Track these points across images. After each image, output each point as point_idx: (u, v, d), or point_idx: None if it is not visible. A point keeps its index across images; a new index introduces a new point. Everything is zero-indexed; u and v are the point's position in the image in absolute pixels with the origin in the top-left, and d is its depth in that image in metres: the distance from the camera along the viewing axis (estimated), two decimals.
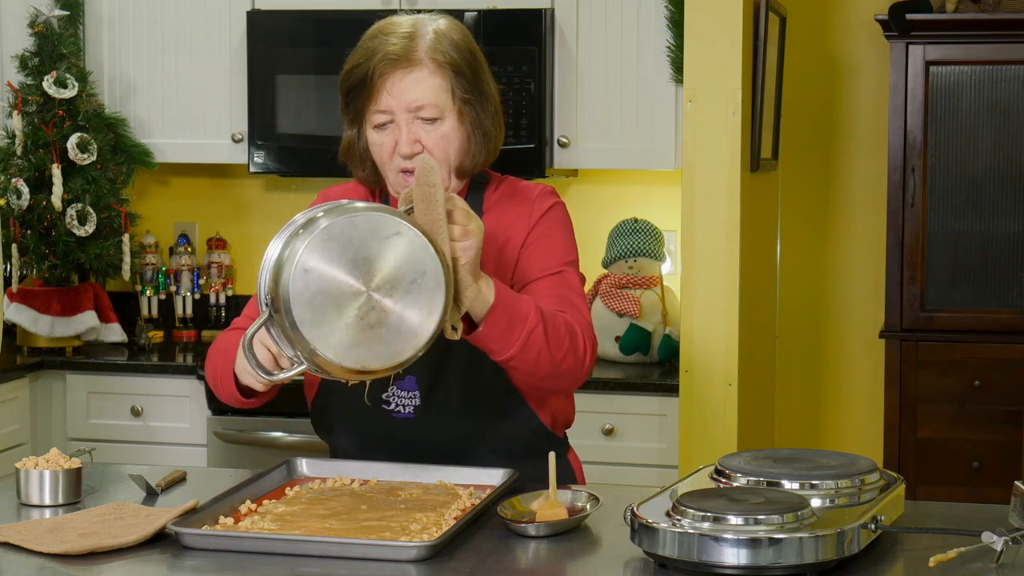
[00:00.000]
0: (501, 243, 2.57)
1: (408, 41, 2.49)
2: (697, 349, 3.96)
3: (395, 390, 2.55)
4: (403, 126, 2.49)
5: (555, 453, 2.34)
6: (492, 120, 2.56)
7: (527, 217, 2.58)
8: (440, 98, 2.49)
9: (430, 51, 2.49)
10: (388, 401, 2.56)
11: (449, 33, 2.52)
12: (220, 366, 2.51)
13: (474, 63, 2.54)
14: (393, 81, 2.48)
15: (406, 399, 2.55)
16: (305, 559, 2.10)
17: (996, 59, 4.49)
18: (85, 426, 4.51)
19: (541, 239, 2.57)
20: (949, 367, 4.55)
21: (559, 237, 2.59)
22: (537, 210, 2.59)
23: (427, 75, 2.48)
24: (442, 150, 2.50)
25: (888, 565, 2.08)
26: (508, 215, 2.59)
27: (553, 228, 2.59)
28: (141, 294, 4.95)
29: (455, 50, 2.51)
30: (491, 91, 2.57)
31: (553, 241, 2.58)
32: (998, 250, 4.52)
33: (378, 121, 2.51)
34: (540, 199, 2.61)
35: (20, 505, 2.41)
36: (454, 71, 2.50)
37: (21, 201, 4.49)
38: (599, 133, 4.44)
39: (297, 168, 4.66)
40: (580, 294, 2.55)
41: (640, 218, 4.57)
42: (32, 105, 4.59)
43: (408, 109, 2.48)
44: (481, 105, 2.54)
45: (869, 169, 4.88)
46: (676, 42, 4.28)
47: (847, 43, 4.90)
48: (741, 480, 2.20)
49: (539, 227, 2.58)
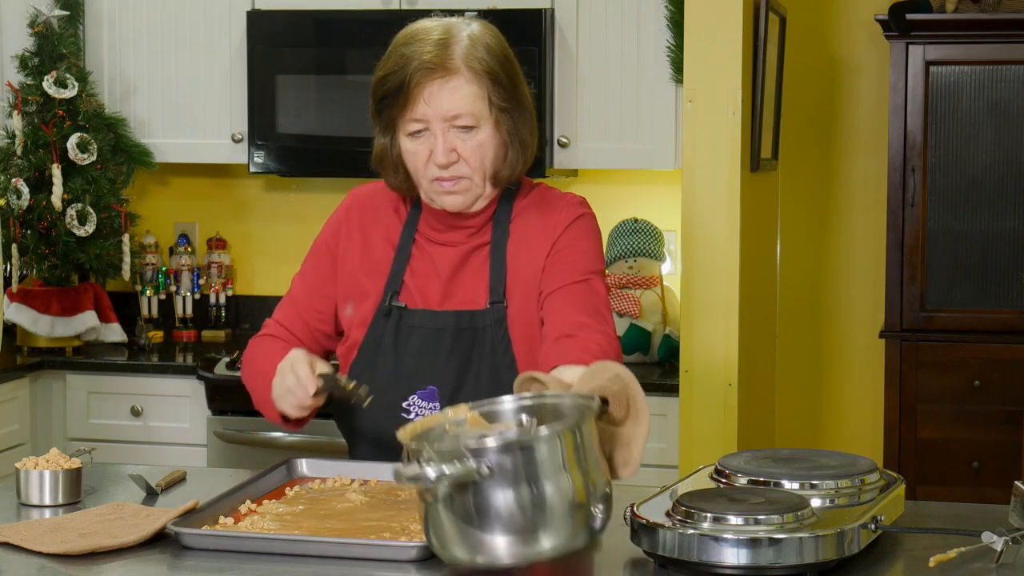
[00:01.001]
0: (528, 251, 2.55)
1: (443, 48, 2.44)
2: (697, 349, 3.96)
3: (415, 399, 2.54)
4: (439, 135, 2.45)
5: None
6: (528, 128, 2.53)
7: (554, 226, 2.56)
8: (477, 106, 2.45)
9: (466, 58, 2.44)
10: (408, 410, 2.54)
11: (484, 38, 2.48)
12: (258, 387, 2.56)
13: (510, 69, 2.50)
14: (430, 90, 2.44)
15: (426, 409, 2.53)
16: (305, 559, 2.10)
17: (996, 59, 4.49)
18: (85, 426, 4.51)
19: (568, 247, 2.55)
20: (949, 367, 4.54)
21: (586, 246, 2.57)
22: (564, 219, 2.57)
23: (463, 83, 2.44)
24: (478, 158, 2.47)
25: (888, 565, 2.08)
26: (535, 223, 2.57)
27: (581, 237, 2.57)
28: (141, 294, 4.95)
29: (491, 57, 2.47)
30: (527, 97, 2.54)
31: (580, 250, 2.56)
32: (998, 250, 4.52)
33: (413, 129, 2.47)
34: (568, 209, 2.58)
35: (20, 505, 2.41)
36: (491, 79, 2.46)
37: (21, 201, 4.49)
38: (599, 133, 4.44)
39: (297, 168, 4.66)
40: (606, 303, 2.54)
41: (640, 218, 4.57)
42: (32, 105, 4.59)
43: (444, 118, 2.44)
44: (519, 113, 2.50)
45: (869, 169, 4.88)
46: (676, 42, 4.28)
47: (847, 43, 4.90)
48: (741, 480, 2.20)
49: (566, 235, 2.56)
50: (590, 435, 1.99)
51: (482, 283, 2.55)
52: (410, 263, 2.57)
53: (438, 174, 2.47)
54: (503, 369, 2.51)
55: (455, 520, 1.92)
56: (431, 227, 2.57)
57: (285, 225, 4.96)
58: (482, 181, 2.49)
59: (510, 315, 2.53)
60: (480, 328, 2.53)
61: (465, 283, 2.56)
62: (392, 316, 2.55)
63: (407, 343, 2.54)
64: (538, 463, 1.91)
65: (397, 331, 2.55)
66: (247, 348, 2.70)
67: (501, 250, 2.55)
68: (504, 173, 2.52)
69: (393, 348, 2.54)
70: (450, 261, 2.56)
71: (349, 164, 4.52)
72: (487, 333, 2.53)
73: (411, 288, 2.56)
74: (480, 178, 2.48)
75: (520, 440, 1.92)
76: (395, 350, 2.54)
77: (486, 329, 2.53)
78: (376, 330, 2.56)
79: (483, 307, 2.53)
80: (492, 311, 2.53)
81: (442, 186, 2.48)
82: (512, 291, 2.54)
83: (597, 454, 2.00)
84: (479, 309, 2.53)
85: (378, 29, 4.52)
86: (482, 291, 2.54)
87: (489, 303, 2.53)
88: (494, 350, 2.52)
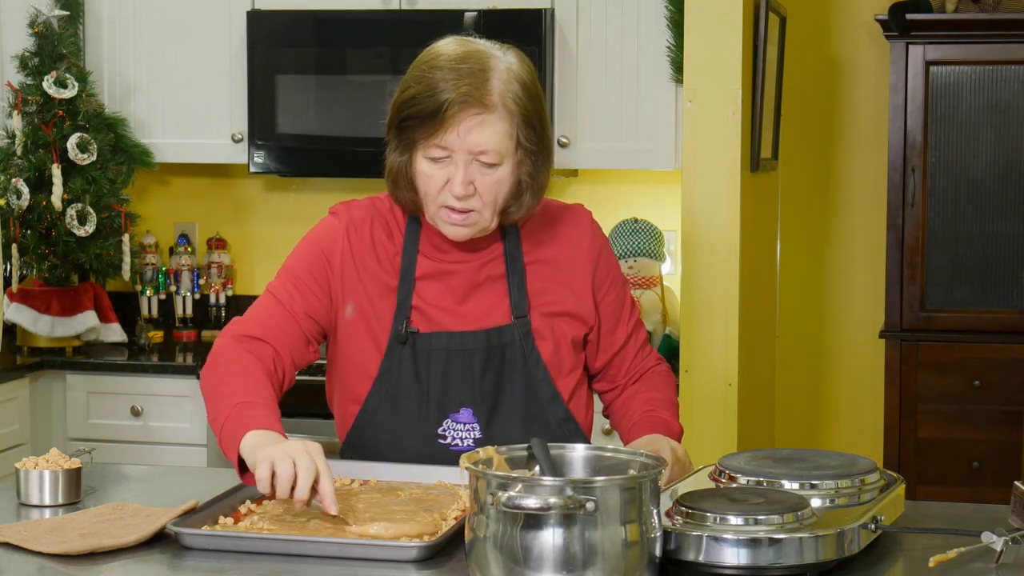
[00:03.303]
0: (568, 269, 2.57)
1: (482, 82, 2.39)
2: (697, 349, 3.96)
3: (450, 423, 2.52)
4: (461, 166, 2.40)
5: None
6: (547, 171, 2.50)
7: (588, 246, 2.60)
8: (504, 144, 2.41)
9: (502, 95, 2.40)
10: (444, 435, 2.52)
11: (520, 73, 2.44)
12: (220, 407, 2.37)
13: (541, 109, 2.47)
14: (466, 126, 2.38)
15: (464, 432, 2.51)
16: (305, 559, 2.10)
17: (996, 59, 4.49)
18: (85, 426, 4.51)
19: (613, 288, 2.62)
20: (949, 367, 4.55)
21: (620, 276, 2.66)
22: (597, 241, 2.62)
23: (496, 120, 2.40)
24: (492, 194, 2.43)
25: (888, 565, 2.08)
26: (560, 239, 2.58)
27: (615, 267, 2.64)
28: (141, 294, 4.95)
29: (527, 95, 2.43)
30: (551, 139, 2.52)
31: (621, 286, 2.64)
32: (998, 250, 4.52)
33: (435, 155, 2.42)
34: (593, 226, 2.63)
35: (20, 505, 2.41)
36: (524, 120, 2.42)
37: (21, 201, 4.49)
38: (599, 133, 4.44)
39: (297, 168, 4.67)
40: (643, 325, 2.71)
41: (640, 218, 4.57)
42: (32, 105, 4.59)
43: (471, 151, 2.40)
44: (542, 156, 2.47)
45: (869, 169, 4.88)
46: (676, 42, 4.28)
47: (847, 43, 4.90)
48: (741, 480, 2.20)
49: (602, 266, 2.61)
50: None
51: (499, 299, 2.53)
52: (417, 286, 2.53)
53: (451, 203, 2.42)
54: (537, 383, 2.52)
55: (503, 558, 1.91)
56: (436, 248, 2.54)
57: (285, 225, 4.96)
58: (491, 216, 2.46)
59: (535, 328, 2.53)
60: (508, 343, 2.52)
61: (481, 300, 2.53)
62: (408, 342, 2.51)
63: (428, 367, 2.51)
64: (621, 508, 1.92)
65: (415, 356, 2.51)
66: (211, 353, 2.49)
67: (518, 264, 2.54)
68: (514, 210, 2.49)
69: (414, 374, 2.51)
70: (461, 280, 2.53)
71: (349, 164, 4.53)
72: (516, 348, 2.52)
73: (423, 311, 2.52)
74: (490, 213, 2.45)
75: (623, 481, 1.93)
76: (416, 376, 2.51)
77: (515, 344, 2.52)
78: (392, 358, 2.51)
79: (508, 322, 2.53)
80: (518, 325, 2.52)
81: (451, 216, 2.44)
82: (534, 304, 2.54)
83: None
84: (506, 324, 2.53)
85: (378, 29, 4.55)
86: (501, 307, 2.53)
87: (515, 317, 2.52)
88: (526, 364, 2.52)
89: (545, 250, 2.57)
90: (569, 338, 2.56)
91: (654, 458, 2.06)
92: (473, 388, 2.51)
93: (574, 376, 2.58)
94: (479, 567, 1.93)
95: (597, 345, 2.63)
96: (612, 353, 2.64)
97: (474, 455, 2.03)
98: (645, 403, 2.62)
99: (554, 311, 2.55)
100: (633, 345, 2.66)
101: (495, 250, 2.55)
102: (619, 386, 2.67)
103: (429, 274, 2.53)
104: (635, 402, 2.63)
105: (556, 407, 2.54)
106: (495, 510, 1.90)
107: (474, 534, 1.94)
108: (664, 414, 2.60)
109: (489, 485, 1.91)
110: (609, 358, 2.64)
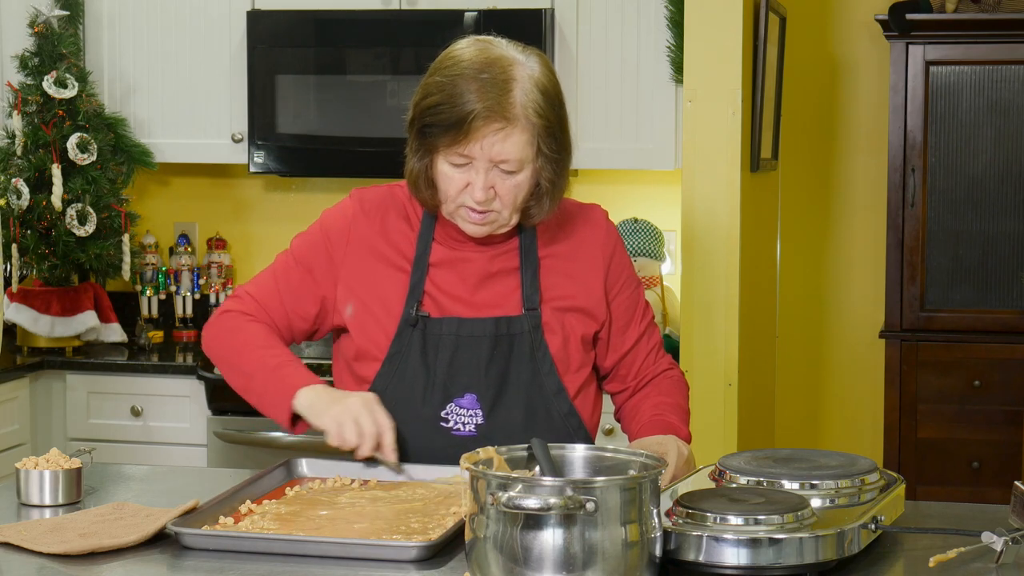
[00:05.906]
0: (581, 266, 2.58)
1: (504, 94, 2.40)
2: (697, 349, 3.96)
3: (453, 407, 2.53)
4: (481, 172, 2.42)
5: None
6: (566, 175, 2.52)
7: (602, 244, 2.62)
8: (524, 152, 2.42)
9: (524, 107, 2.41)
10: (447, 419, 2.53)
11: (542, 79, 2.44)
12: (252, 370, 2.59)
13: (563, 116, 2.48)
14: (489, 139, 2.40)
15: (466, 417, 2.53)
16: (305, 559, 2.10)
17: (996, 59, 4.49)
18: (85, 426, 4.51)
19: (626, 287, 2.64)
20: (949, 367, 4.55)
21: (634, 276, 2.67)
22: (611, 239, 2.63)
23: (518, 131, 2.41)
24: (512, 197, 2.45)
25: (888, 565, 2.08)
26: (575, 237, 2.60)
27: (628, 267, 2.66)
28: (141, 294, 4.95)
29: (548, 104, 2.44)
30: (571, 144, 2.52)
31: (634, 286, 2.66)
32: (998, 250, 4.52)
33: (456, 162, 2.44)
34: (608, 225, 2.65)
35: (20, 505, 2.41)
36: (546, 129, 2.43)
37: (21, 201, 4.49)
38: (599, 133, 4.44)
39: (297, 168, 4.67)
40: (657, 328, 2.72)
41: (640, 218, 4.57)
42: (32, 105, 4.59)
43: (492, 160, 2.42)
44: (562, 162, 2.49)
45: (869, 169, 4.88)
46: (676, 42, 4.29)
47: (847, 43, 4.90)
48: (741, 480, 2.20)
49: (616, 264, 2.62)
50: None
51: (511, 290, 2.55)
52: (430, 272, 2.55)
53: (470, 204, 2.45)
54: (543, 375, 2.53)
55: (503, 559, 1.91)
56: (452, 237, 2.56)
57: (285, 225, 4.95)
58: (510, 215, 2.48)
59: (544, 321, 2.55)
60: (517, 334, 2.54)
61: (493, 290, 2.55)
62: (418, 326, 2.53)
63: (437, 352, 2.53)
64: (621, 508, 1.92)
65: (424, 340, 2.53)
66: (220, 318, 2.64)
67: (532, 257, 2.56)
68: (535, 213, 2.51)
69: (422, 357, 2.53)
70: (475, 269, 2.55)
71: (349, 164, 4.53)
72: (525, 339, 2.53)
73: (435, 297, 2.55)
74: (509, 213, 2.48)
75: (624, 481, 1.93)
76: (424, 359, 2.53)
77: (524, 335, 2.54)
78: (402, 341, 2.54)
79: (518, 313, 2.54)
80: (528, 317, 2.54)
81: (470, 216, 2.47)
82: (545, 298, 2.56)
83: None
84: (515, 315, 2.54)
85: (378, 29, 4.55)
86: (513, 298, 2.55)
87: (525, 309, 2.54)
88: (533, 356, 2.53)
89: (560, 246, 2.59)
90: (579, 334, 2.57)
91: (654, 458, 2.06)
92: (479, 374, 2.53)
93: (582, 373, 2.59)
94: (479, 567, 1.93)
95: (607, 344, 2.63)
96: (622, 353, 2.64)
97: (474, 455, 2.04)
98: (654, 407, 2.63)
99: (565, 306, 2.57)
100: (645, 346, 2.66)
101: (511, 243, 2.57)
102: (629, 388, 2.68)
103: (443, 261, 2.56)
104: (645, 406, 2.64)
105: (560, 401, 2.55)
106: (495, 510, 1.90)
107: (474, 534, 1.94)
108: (672, 418, 2.61)
109: (489, 485, 1.91)
110: (619, 358, 2.65)
